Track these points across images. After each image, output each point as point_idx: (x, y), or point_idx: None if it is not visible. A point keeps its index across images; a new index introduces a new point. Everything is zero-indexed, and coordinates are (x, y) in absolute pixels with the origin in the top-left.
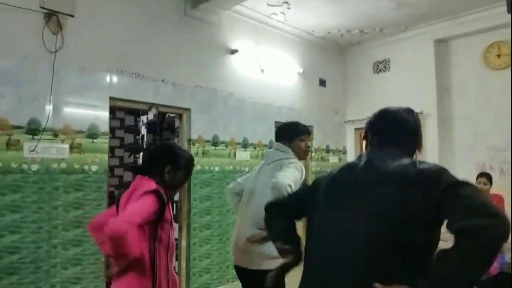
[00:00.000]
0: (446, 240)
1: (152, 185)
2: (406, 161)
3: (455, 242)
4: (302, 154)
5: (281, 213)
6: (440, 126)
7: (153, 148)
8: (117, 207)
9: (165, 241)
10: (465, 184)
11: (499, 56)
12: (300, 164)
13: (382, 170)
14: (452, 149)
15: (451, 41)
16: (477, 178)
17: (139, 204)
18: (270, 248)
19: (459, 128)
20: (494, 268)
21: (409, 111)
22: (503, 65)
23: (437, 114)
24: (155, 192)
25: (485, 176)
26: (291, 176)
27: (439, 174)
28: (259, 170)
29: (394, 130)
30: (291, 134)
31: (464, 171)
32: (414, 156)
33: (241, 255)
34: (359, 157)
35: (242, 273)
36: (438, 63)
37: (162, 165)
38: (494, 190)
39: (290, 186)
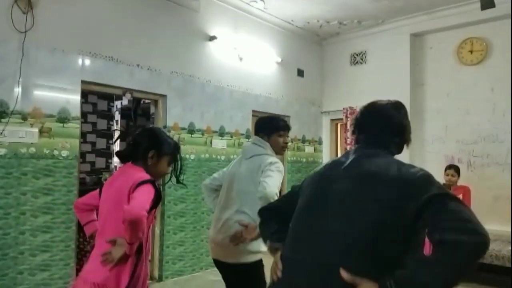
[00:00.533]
0: None
1: (144, 174)
2: (391, 162)
3: (434, 251)
4: (279, 149)
5: (273, 216)
6: (412, 119)
7: (138, 133)
8: (100, 192)
9: (146, 235)
10: (450, 197)
11: (471, 52)
12: (281, 164)
13: (366, 170)
14: (423, 142)
15: (427, 36)
16: (445, 170)
17: (146, 193)
18: (251, 243)
19: (430, 121)
20: None
21: (397, 106)
22: (475, 61)
23: (410, 107)
24: (151, 182)
25: (453, 168)
26: (276, 183)
27: (424, 182)
28: (237, 164)
29: (380, 129)
30: (270, 128)
31: (433, 162)
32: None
33: (219, 249)
34: (345, 154)
35: (221, 266)
36: (413, 57)
37: (146, 150)
38: (461, 182)
39: (276, 194)
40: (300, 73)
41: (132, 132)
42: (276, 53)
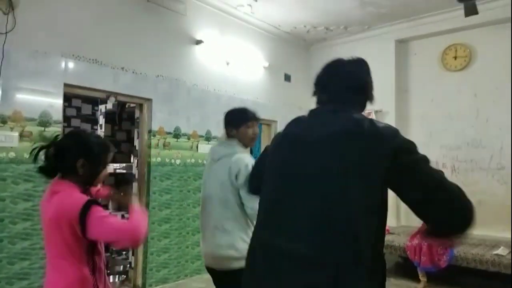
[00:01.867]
0: None
1: (78, 194)
2: (358, 116)
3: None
4: (249, 141)
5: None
6: (397, 124)
7: (58, 141)
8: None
9: (102, 256)
10: (426, 161)
11: (455, 58)
12: (248, 158)
13: (335, 130)
14: None
15: (411, 42)
16: None
17: (104, 213)
18: (239, 249)
19: (415, 127)
20: (443, 261)
21: (359, 62)
22: (459, 67)
23: (395, 113)
24: (93, 203)
25: None
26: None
27: (393, 133)
28: (208, 169)
29: (342, 86)
30: (238, 120)
31: None
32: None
33: (211, 259)
34: (310, 114)
35: (214, 273)
36: (398, 63)
37: (73, 159)
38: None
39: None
40: (287, 78)
41: (52, 143)
42: (263, 58)
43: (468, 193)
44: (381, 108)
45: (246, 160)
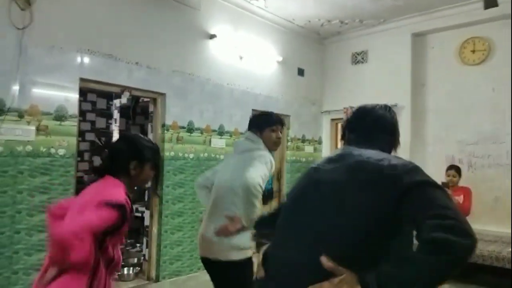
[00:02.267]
0: None
1: (120, 193)
2: (382, 154)
3: (422, 249)
4: (272, 145)
5: (267, 225)
6: (413, 119)
7: (114, 144)
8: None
9: (109, 255)
10: (435, 186)
11: (473, 51)
12: (269, 157)
13: (357, 161)
14: (423, 142)
15: (428, 35)
16: (446, 171)
17: (94, 217)
18: (240, 239)
19: (431, 122)
20: None
21: (386, 108)
22: (477, 61)
23: (411, 107)
24: (118, 207)
25: (454, 169)
26: (260, 172)
27: (411, 169)
28: (228, 160)
29: (371, 127)
30: (263, 123)
31: (434, 163)
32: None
33: (209, 246)
34: (336, 151)
35: (210, 264)
36: (414, 56)
37: (126, 161)
38: (462, 183)
39: (259, 184)
40: (301, 72)
41: (105, 145)
42: (277, 52)
43: (485, 190)
44: (396, 102)
45: (267, 154)
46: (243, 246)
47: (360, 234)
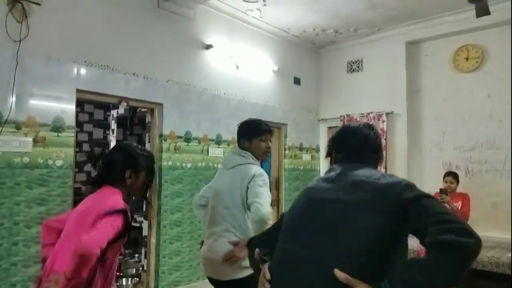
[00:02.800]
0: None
1: (119, 200)
2: (376, 173)
3: (432, 251)
4: (261, 155)
5: (263, 244)
6: (409, 126)
7: (109, 153)
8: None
9: (109, 263)
10: (430, 197)
11: (467, 59)
12: (264, 174)
13: (354, 180)
14: (420, 149)
15: (422, 43)
16: (444, 177)
17: (109, 227)
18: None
19: (428, 128)
20: None
21: (369, 126)
22: (471, 68)
23: (407, 114)
24: (123, 212)
25: (452, 175)
26: (267, 199)
27: (406, 185)
28: (219, 177)
29: (358, 146)
30: (251, 133)
31: (431, 170)
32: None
33: (212, 267)
34: (329, 170)
35: (216, 284)
36: (409, 64)
37: (122, 170)
38: (460, 189)
39: (270, 213)
40: (297, 81)
41: (100, 155)
42: (273, 61)
43: (483, 196)
44: (393, 110)
45: (260, 169)
46: (246, 265)
47: (365, 249)
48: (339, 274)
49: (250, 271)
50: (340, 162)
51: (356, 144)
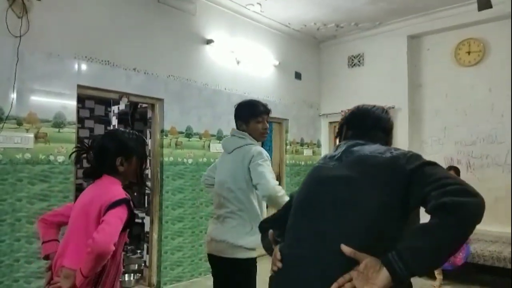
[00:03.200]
0: None
1: (119, 190)
2: (382, 147)
3: (435, 218)
4: (259, 136)
5: (273, 226)
6: (410, 120)
7: (96, 144)
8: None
9: (118, 255)
10: (432, 163)
11: (469, 53)
12: (263, 150)
13: (359, 155)
14: (421, 143)
15: (424, 37)
16: None
17: (118, 221)
18: (245, 239)
19: (429, 123)
20: (460, 259)
21: (384, 110)
22: (473, 62)
23: (408, 109)
24: (125, 202)
25: (453, 170)
26: (271, 175)
27: (411, 156)
28: (221, 161)
29: (369, 125)
30: (248, 115)
31: None
32: None
33: (216, 245)
34: (337, 148)
35: (215, 261)
36: (410, 58)
37: (112, 158)
38: None
39: (277, 185)
40: (298, 76)
41: (90, 147)
42: (274, 56)
43: (484, 190)
44: (394, 104)
45: (258, 148)
46: (249, 247)
47: (373, 224)
48: (345, 248)
49: (252, 254)
50: (350, 138)
51: (367, 122)
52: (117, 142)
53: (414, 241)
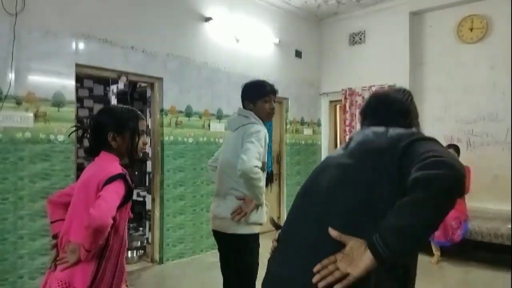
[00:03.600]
0: None
1: (116, 165)
2: (380, 130)
3: (410, 192)
4: (266, 116)
5: None
6: None
7: (91, 121)
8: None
9: (122, 230)
10: (423, 138)
11: (471, 29)
12: (263, 130)
13: (364, 138)
14: (422, 121)
15: (426, 14)
16: None
17: (114, 195)
18: (249, 216)
19: (430, 101)
20: (458, 235)
21: (401, 91)
22: (475, 39)
23: (409, 87)
24: (121, 177)
25: (453, 148)
26: (254, 154)
27: (406, 135)
28: (228, 139)
29: (382, 111)
30: (255, 95)
31: None
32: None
33: (220, 221)
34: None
35: (219, 237)
36: (412, 35)
37: (104, 133)
38: (461, 161)
39: (256, 166)
40: (298, 54)
41: (88, 122)
42: (274, 34)
43: (483, 168)
44: (395, 82)
45: (259, 127)
46: (252, 222)
47: (364, 204)
48: (332, 232)
49: (255, 230)
50: (364, 126)
51: (381, 109)
52: (109, 117)
53: (394, 219)
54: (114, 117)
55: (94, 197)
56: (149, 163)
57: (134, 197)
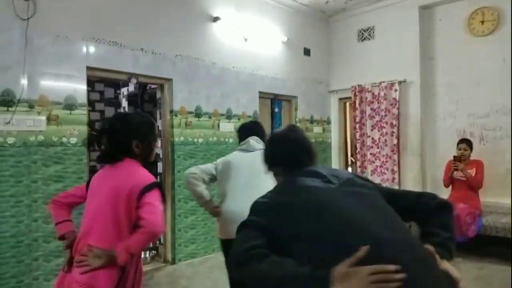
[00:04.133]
0: None
1: (146, 172)
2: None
3: (438, 214)
4: None
5: None
6: (422, 94)
7: (108, 129)
8: (87, 187)
9: None
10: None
11: (482, 22)
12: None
13: (350, 177)
14: (434, 117)
15: (436, 8)
16: (457, 144)
17: (159, 203)
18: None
19: (441, 95)
20: (472, 231)
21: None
22: (486, 32)
23: (420, 82)
24: (158, 185)
25: (466, 143)
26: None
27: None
28: (241, 157)
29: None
30: (263, 133)
31: (445, 138)
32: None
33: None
34: (317, 176)
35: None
36: (422, 30)
37: (128, 142)
38: (473, 156)
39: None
40: (307, 52)
41: (102, 131)
42: (282, 32)
43: (497, 162)
44: (405, 78)
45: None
46: None
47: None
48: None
49: None
50: (305, 165)
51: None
52: (131, 126)
53: (447, 235)
54: (137, 126)
55: (127, 203)
56: (160, 164)
57: None
